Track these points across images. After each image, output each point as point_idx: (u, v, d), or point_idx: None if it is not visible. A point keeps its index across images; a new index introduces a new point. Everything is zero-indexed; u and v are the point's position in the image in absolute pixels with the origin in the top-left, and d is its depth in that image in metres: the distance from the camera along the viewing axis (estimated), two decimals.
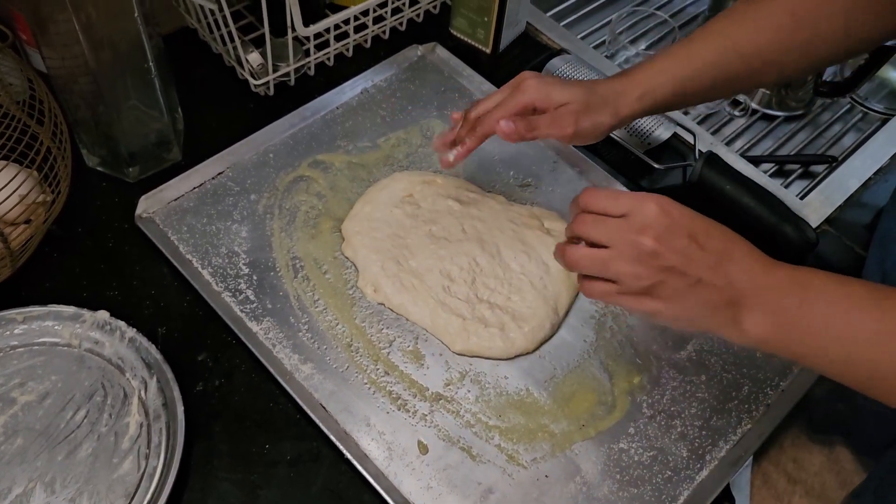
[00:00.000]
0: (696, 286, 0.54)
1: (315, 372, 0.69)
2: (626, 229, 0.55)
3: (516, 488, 0.64)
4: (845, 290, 0.53)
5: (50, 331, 0.68)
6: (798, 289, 0.54)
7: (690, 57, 0.71)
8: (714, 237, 0.56)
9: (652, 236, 0.54)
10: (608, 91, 0.70)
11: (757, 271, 0.54)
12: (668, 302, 0.55)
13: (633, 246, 0.54)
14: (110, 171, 0.80)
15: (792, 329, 0.53)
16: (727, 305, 0.54)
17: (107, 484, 0.61)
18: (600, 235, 0.56)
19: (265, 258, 0.75)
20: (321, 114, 0.88)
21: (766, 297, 0.54)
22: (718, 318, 0.55)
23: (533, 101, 0.69)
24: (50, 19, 0.67)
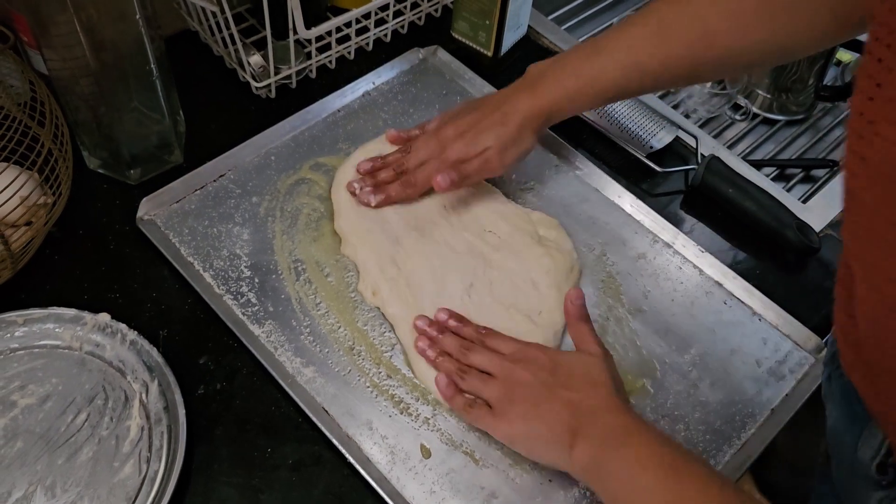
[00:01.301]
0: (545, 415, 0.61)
1: (317, 375, 0.68)
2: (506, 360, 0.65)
3: (519, 492, 0.64)
4: (656, 451, 0.57)
5: (51, 333, 0.68)
6: (624, 435, 0.58)
7: (593, 78, 0.72)
8: (578, 378, 0.62)
9: (527, 368, 0.64)
10: (519, 118, 0.74)
11: (599, 411, 0.60)
12: (517, 423, 0.62)
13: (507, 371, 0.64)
14: (111, 173, 0.80)
15: (600, 468, 0.58)
16: (565, 433, 0.60)
17: (107, 488, 0.61)
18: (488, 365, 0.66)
19: (267, 261, 0.75)
20: (323, 116, 0.88)
21: (595, 432, 0.59)
22: (556, 444, 0.60)
23: (459, 158, 0.75)
24: (51, 21, 0.67)
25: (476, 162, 0.75)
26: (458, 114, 0.78)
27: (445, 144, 0.76)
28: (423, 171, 0.76)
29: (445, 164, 0.75)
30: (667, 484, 0.55)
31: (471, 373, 0.66)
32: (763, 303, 0.77)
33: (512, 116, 0.74)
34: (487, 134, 0.74)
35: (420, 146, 0.77)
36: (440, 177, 0.74)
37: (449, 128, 0.76)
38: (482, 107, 0.76)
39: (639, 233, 0.81)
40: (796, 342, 0.75)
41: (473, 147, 0.74)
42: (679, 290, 0.78)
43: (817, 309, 0.78)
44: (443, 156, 0.75)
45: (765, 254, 0.83)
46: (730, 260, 0.81)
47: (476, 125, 0.75)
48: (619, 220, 0.82)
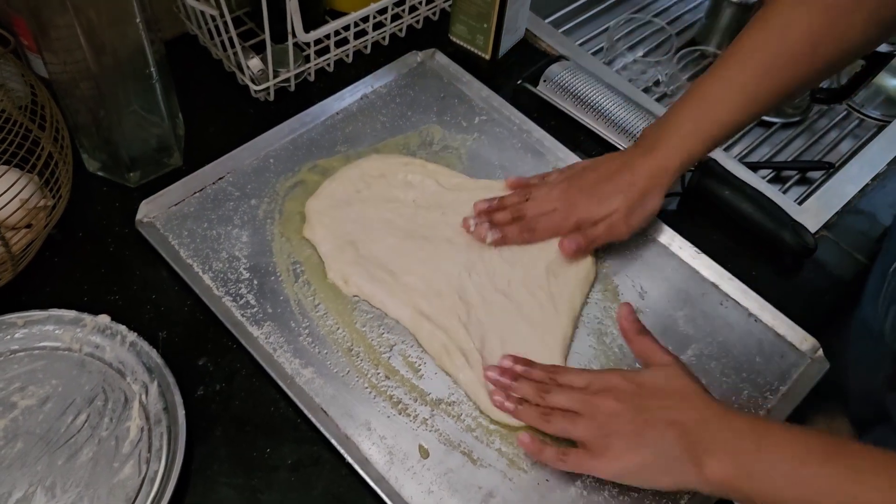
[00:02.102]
0: (653, 441, 0.59)
1: (316, 376, 0.69)
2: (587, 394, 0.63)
3: (517, 492, 0.64)
4: (800, 440, 0.56)
5: (50, 335, 0.68)
6: (755, 436, 0.57)
7: (707, 124, 0.73)
8: (668, 394, 0.61)
9: (612, 397, 0.61)
10: (648, 180, 0.74)
11: (712, 419, 0.58)
12: (624, 457, 0.59)
13: (592, 406, 0.61)
14: (111, 175, 0.80)
15: (751, 473, 0.55)
16: (685, 451, 0.57)
17: (107, 488, 0.61)
18: (571, 404, 0.63)
19: (266, 263, 0.75)
20: (321, 119, 0.88)
21: (724, 441, 0.57)
22: (680, 471, 0.58)
23: (585, 219, 0.75)
24: (51, 24, 0.67)
25: (602, 226, 0.74)
26: (582, 171, 0.77)
27: (572, 200, 0.75)
28: (548, 220, 0.76)
29: (570, 221, 0.75)
30: (833, 468, 0.53)
31: (554, 415, 0.63)
32: (759, 304, 0.77)
33: (638, 178, 0.74)
34: (615, 196, 0.74)
35: (543, 196, 0.77)
36: (567, 241, 0.74)
37: (574, 184, 0.76)
38: (606, 165, 0.76)
39: (635, 234, 0.82)
40: (792, 343, 0.76)
41: (600, 208, 0.74)
42: (675, 291, 0.78)
43: (813, 310, 0.79)
44: (568, 212, 0.75)
45: (761, 255, 0.83)
46: (726, 261, 0.81)
47: (603, 185, 0.75)
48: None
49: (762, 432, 0.57)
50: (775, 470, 0.55)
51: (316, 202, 0.79)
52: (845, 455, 0.54)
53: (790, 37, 0.69)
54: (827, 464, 0.54)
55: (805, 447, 0.55)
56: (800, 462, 0.54)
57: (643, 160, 0.74)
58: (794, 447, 0.55)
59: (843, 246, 0.86)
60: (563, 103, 0.92)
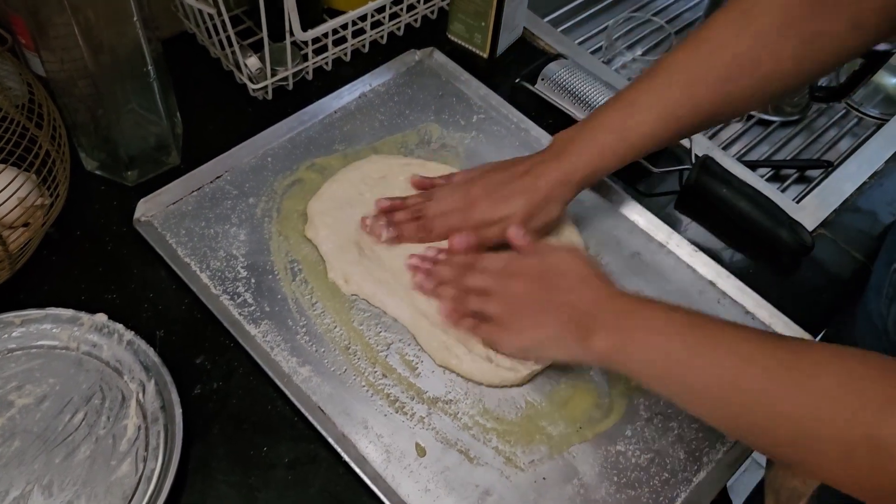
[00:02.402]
0: (551, 315, 0.64)
1: (313, 374, 0.69)
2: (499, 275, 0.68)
3: (514, 490, 0.64)
4: (669, 316, 0.60)
5: (48, 334, 0.68)
6: (637, 315, 0.61)
7: (628, 132, 0.71)
8: (570, 276, 0.65)
9: (521, 280, 0.66)
10: (549, 186, 0.73)
11: (602, 301, 0.63)
12: (527, 331, 0.66)
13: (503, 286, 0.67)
14: (109, 174, 0.81)
15: (628, 348, 0.61)
16: (577, 329, 0.62)
17: (105, 486, 0.61)
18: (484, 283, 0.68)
19: (263, 261, 0.75)
20: (319, 118, 0.88)
21: (609, 319, 0.62)
22: (571, 344, 0.63)
23: (483, 220, 0.74)
24: (49, 23, 0.67)
25: (496, 229, 0.73)
26: (487, 173, 0.76)
27: (471, 201, 0.74)
28: (444, 220, 0.75)
29: (468, 222, 0.74)
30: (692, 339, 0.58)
31: (470, 296, 0.68)
32: (756, 301, 0.77)
33: (541, 184, 0.72)
34: (515, 199, 0.73)
35: (444, 196, 0.76)
36: (458, 238, 0.73)
37: (477, 185, 0.75)
38: (512, 168, 0.75)
39: (633, 232, 0.82)
40: None
41: (498, 211, 0.73)
42: (672, 289, 0.78)
43: (810, 308, 0.79)
44: (467, 213, 0.74)
45: (758, 253, 0.83)
46: (723, 259, 0.81)
47: (504, 187, 0.74)
48: (613, 220, 0.83)
49: (643, 312, 0.61)
50: (647, 344, 0.60)
51: (318, 203, 0.79)
52: (704, 327, 0.59)
53: (719, 59, 0.68)
54: (686, 335, 0.58)
55: (670, 320, 0.60)
56: (666, 336, 0.59)
57: (551, 166, 0.73)
58: (662, 322, 0.60)
59: (840, 244, 0.86)
60: (561, 101, 0.92)
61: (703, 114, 0.71)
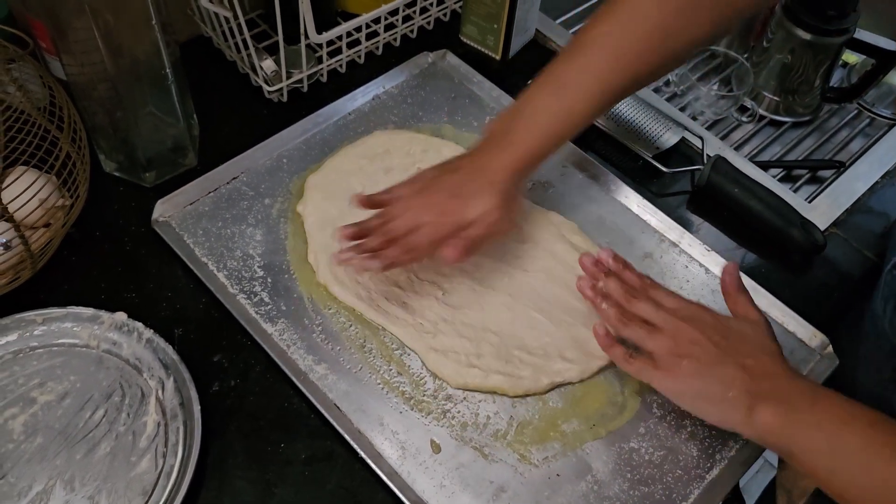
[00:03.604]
0: (720, 372, 0.61)
1: (329, 372, 0.69)
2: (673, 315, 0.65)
3: (528, 487, 0.65)
4: (848, 407, 0.58)
5: (69, 332, 0.69)
6: (812, 396, 0.59)
7: (566, 111, 0.70)
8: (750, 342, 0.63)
9: (697, 327, 0.63)
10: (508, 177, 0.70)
11: (781, 376, 0.61)
12: (688, 379, 0.62)
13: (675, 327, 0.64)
14: (127, 175, 0.82)
15: (797, 427, 0.58)
16: (744, 396, 0.60)
17: (125, 482, 0.62)
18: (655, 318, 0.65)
19: (279, 261, 0.76)
20: (333, 119, 0.89)
21: (782, 394, 0.60)
22: (732, 409, 0.60)
23: (456, 224, 0.69)
24: (69, 27, 0.69)
25: (480, 226, 0.69)
26: (434, 178, 0.72)
27: (438, 208, 0.70)
28: (423, 235, 0.69)
29: (446, 228, 0.69)
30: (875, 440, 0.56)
31: (634, 321, 0.65)
32: (768, 301, 0.78)
33: (499, 177, 0.70)
34: (483, 195, 0.69)
35: (404, 210, 0.70)
36: (449, 249, 0.68)
37: (434, 190, 0.71)
38: (457, 169, 0.72)
39: (645, 232, 0.82)
40: (801, 339, 0.76)
41: (471, 209, 0.69)
42: (685, 288, 0.79)
43: (822, 307, 0.79)
44: (440, 220, 0.69)
45: (770, 252, 0.83)
46: (736, 259, 0.82)
47: (464, 187, 0.70)
48: (626, 220, 0.83)
49: (819, 394, 0.59)
50: (817, 422, 0.57)
51: (316, 177, 0.80)
52: (888, 429, 0.56)
53: (642, 28, 0.68)
54: (868, 430, 0.56)
55: (852, 413, 0.57)
56: (842, 422, 0.57)
57: (498, 157, 0.70)
58: (842, 411, 0.58)
59: (852, 243, 0.86)
60: None
61: (634, 80, 0.71)
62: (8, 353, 0.68)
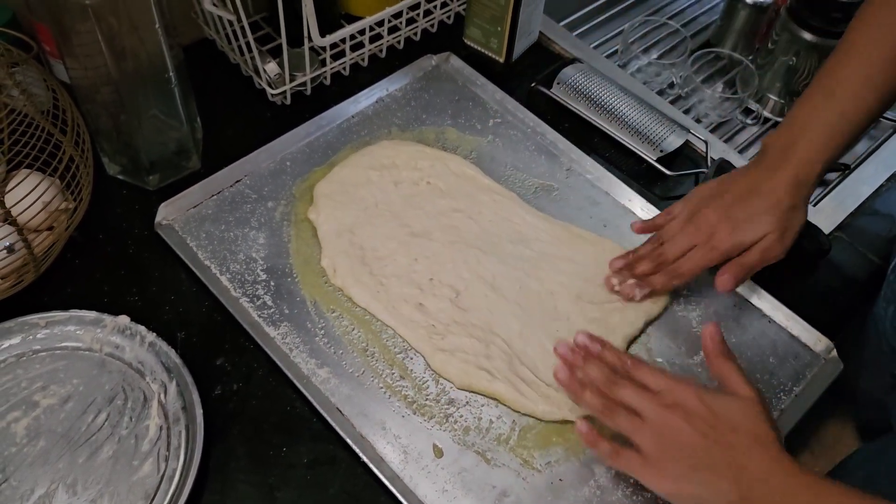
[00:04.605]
0: (708, 474, 0.56)
1: (331, 376, 0.69)
2: (658, 402, 0.59)
3: (530, 492, 0.65)
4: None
5: (72, 335, 0.70)
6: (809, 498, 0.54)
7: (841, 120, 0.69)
8: (740, 431, 0.57)
9: (683, 416, 0.58)
10: (790, 195, 0.69)
11: (778, 471, 0.55)
12: (674, 481, 0.57)
13: (662, 418, 0.58)
14: (131, 179, 0.82)
15: None
16: (740, 493, 0.55)
17: (127, 486, 0.62)
18: (639, 404, 0.60)
19: (282, 264, 0.76)
20: (337, 122, 0.89)
21: (778, 496, 0.54)
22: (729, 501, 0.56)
23: (728, 253, 0.70)
24: (73, 30, 0.69)
25: (756, 251, 0.70)
26: (711, 198, 0.72)
27: (710, 232, 0.71)
28: (691, 261, 0.71)
29: (715, 254, 0.70)
30: None
31: (619, 411, 0.60)
32: (772, 305, 0.77)
33: (782, 195, 0.69)
34: (762, 218, 0.69)
35: (676, 233, 0.72)
36: (722, 279, 0.69)
37: (709, 212, 0.71)
38: (734, 187, 0.71)
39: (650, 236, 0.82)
40: (806, 344, 0.76)
41: (747, 234, 0.70)
42: (688, 292, 0.78)
43: (827, 311, 0.79)
44: (710, 245, 0.70)
45: None
46: None
47: (740, 209, 0.70)
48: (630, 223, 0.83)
49: (819, 493, 0.54)
50: None
51: (325, 185, 0.80)
52: None
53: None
54: None
55: None
56: None
57: (780, 175, 0.70)
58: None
59: (857, 247, 0.86)
60: (576, 106, 0.92)
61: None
62: (11, 356, 0.68)
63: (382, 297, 0.73)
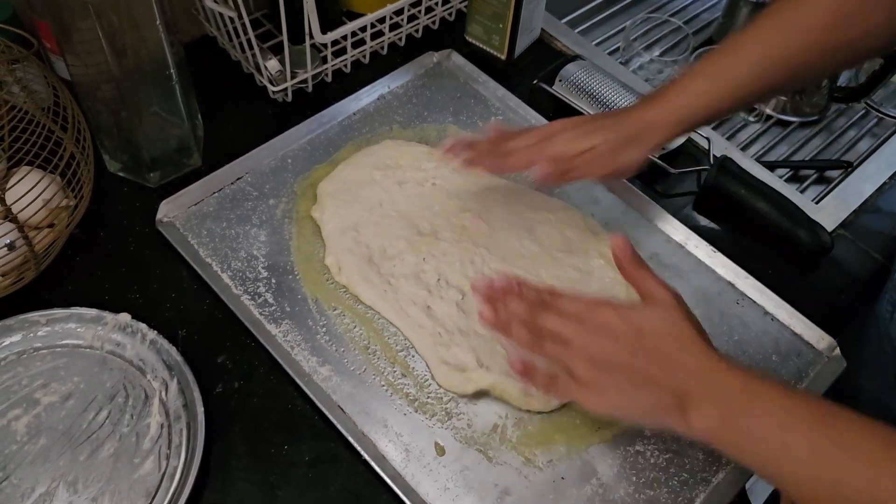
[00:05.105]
0: (644, 385, 0.57)
1: (333, 374, 0.69)
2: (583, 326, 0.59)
3: (532, 490, 0.65)
4: (788, 406, 0.54)
5: (72, 333, 0.69)
6: (746, 395, 0.55)
7: (724, 75, 0.69)
8: (665, 337, 0.58)
9: (608, 335, 0.58)
10: (638, 125, 0.70)
11: (704, 375, 0.56)
12: (614, 397, 0.58)
13: (589, 341, 0.58)
14: (132, 176, 0.82)
15: (735, 432, 0.55)
16: (675, 404, 0.56)
17: (128, 483, 0.62)
18: (563, 330, 0.59)
19: (284, 262, 0.76)
20: (338, 120, 0.89)
21: (714, 398, 0.55)
22: (665, 416, 0.57)
23: (563, 152, 0.70)
24: (74, 27, 0.69)
25: (585, 157, 0.69)
26: (572, 119, 0.73)
27: (549, 136, 0.71)
28: (520, 153, 0.71)
29: (543, 153, 0.70)
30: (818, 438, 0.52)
31: (546, 341, 0.60)
32: (775, 302, 0.77)
33: (628, 122, 0.70)
34: (597, 133, 0.69)
35: (523, 133, 0.73)
36: (537, 167, 0.69)
37: (559, 122, 0.72)
38: (601, 114, 0.72)
39: (651, 233, 0.82)
40: (808, 342, 0.75)
41: (578, 145, 0.69)
42: (691, 289, 0.78)
43: (829, 308, 0.79)
44: (544, 145, 0.70)
45: (777, 254, 0.83)
46: (742, 260, 0.81)
47: (586, 124, 0.71)
48: (632, 221, 0.83)
49: (754, 392, 0.55)
50: (759, 432, 0.53)
51: (329, 184, 0.80)
52: (832, 425, 0.52)
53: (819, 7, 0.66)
54: (812, 432, 0.52)
55: (793, 414, 0.53)
56: (785, 429, 0.53)
57: (641, 108, 0.71)
58: (783, 413, 0.53)
59: (860, 244, 0.85)
60: (578, 103, 0.92)
61: (803, 65, 0.68)
62: (12, 353, 0.68)
63: (389, 297, 0.73)
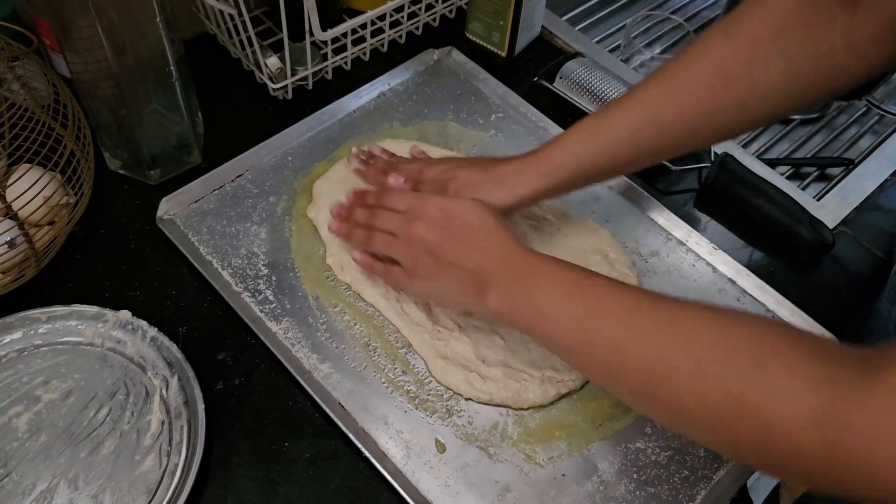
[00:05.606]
0: (451, 267, 0.64)
1: (333, 371, 0.69)
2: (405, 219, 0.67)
3: (533, 487, 0.65)
4: (561, 277, 0.60)
5: (73, 330, 0.69)
6: (528, 273, 0.61)
7: (598, 133, 0.68)
8: (473, 225, 0.65)
9: (425, 226, 0.65)
10: (506, 169, 0.71)
11: (501, 259, 0.63)
12: (428, 280, 0.66)
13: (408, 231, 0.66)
14: (132, 173, 0.82)
15: (520, 306, 0.61)
16: (474, 285, 0.63)
17: (129, 481, 0.62)
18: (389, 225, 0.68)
19: (284, 259, 0.76)
20: (338, 117, 0.89)
21: (503, 279, 0.62)
22: (467, 297, 0.64)
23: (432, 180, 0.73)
24: (73, 25, 0.68)
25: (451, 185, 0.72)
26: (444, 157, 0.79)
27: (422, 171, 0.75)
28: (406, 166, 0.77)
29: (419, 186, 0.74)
30: (571, 301, 0.58)
31: (377, 236, 0.68)
32: (776, 299, 0.77)
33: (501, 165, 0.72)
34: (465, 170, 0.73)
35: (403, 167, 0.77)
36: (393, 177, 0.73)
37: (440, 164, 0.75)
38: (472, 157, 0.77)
39: (652, 230, 0.82)
40: None
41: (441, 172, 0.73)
42: (692, 287, 0.78)
43: (830, 306, 0.79)
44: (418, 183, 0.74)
45: (778, 251, 0.83)
46: (743, 257, 0.81)
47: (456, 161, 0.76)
48: (633, 218, 0.83)
49: (540, 271, 0.61)
50: (537, 305, 0.60)
51: (324, 184, 0.80)
52: (590, 294, 0.58)
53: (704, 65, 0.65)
54: (571, 299, 0.58)
55: (558, 284, 0.59)
56: (546, 296, 0.59)
57: (513, 158, 0.72)
58: (551, 284, 0.60)
59: (861, 242, 0.85)
60: (579, 100, 0.92)
61: (684, 126, 0.66)
62: (12, 351, 0.68)
63: (391, 296, 0.73)
